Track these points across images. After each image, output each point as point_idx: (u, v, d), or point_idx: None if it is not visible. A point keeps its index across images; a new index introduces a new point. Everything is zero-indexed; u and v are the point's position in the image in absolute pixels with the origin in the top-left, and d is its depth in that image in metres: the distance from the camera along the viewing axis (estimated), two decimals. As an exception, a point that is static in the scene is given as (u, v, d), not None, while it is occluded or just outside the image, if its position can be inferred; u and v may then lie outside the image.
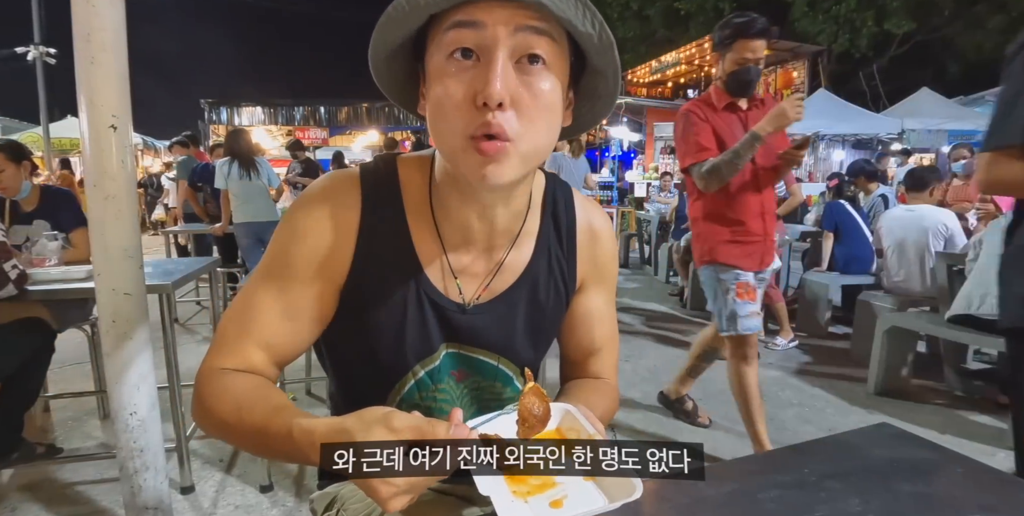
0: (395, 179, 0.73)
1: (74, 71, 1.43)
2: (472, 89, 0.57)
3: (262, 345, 0.69)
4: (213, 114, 18.32)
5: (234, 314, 0.71)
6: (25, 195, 2.41)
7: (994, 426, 2.67)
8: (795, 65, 14.84)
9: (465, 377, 0.80)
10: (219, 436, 0.66)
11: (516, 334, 0.78)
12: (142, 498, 1.64)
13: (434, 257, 0.72)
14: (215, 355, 0.69)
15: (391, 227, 0.71)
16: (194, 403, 0.67)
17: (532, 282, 0.77)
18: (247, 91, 50.06)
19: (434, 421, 0.52)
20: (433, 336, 0.74)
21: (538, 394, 0.62)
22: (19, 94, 16.18)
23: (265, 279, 0.71)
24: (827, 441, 0.86)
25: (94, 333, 2.56)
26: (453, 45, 0.58)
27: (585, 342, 0.85)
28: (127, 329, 1.55)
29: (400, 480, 0.49)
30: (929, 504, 0.67)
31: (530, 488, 0.58)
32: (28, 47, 12.69)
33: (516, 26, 0.57)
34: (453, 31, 0.58)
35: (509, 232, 0.74)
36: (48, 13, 12.66)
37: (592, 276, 0.83)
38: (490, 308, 0.76)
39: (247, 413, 0.61)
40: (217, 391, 0.65)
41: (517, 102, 0.58)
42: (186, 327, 4.45)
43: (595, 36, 0.60)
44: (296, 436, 0.54)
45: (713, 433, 2.62)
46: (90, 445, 2.45)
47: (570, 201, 0.81)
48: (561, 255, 0.79)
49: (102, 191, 1.47)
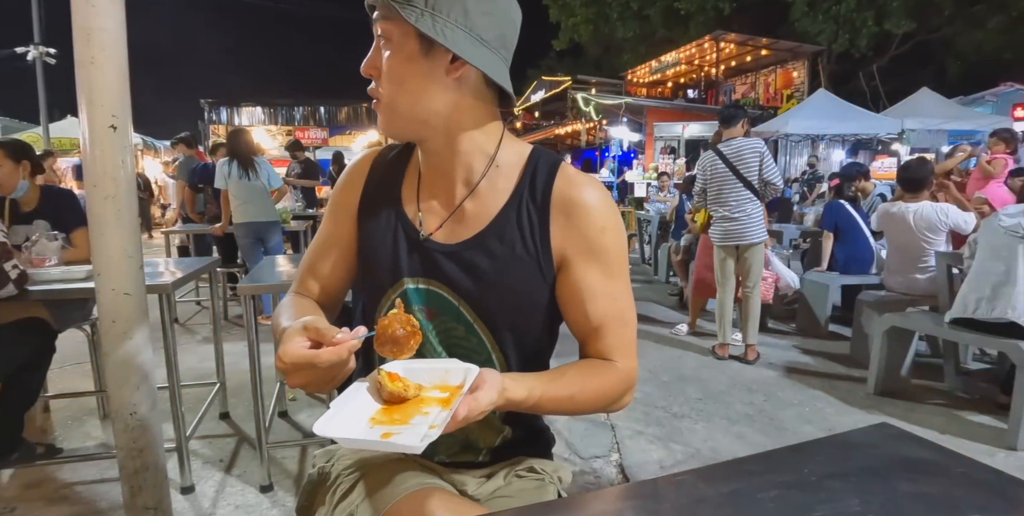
0: (412, 146, 0.93)
1: (74, 71, 1.43)
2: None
3: (313, 274, 0.94)
4: (213, 114, 18.31)
5: (307, 252, 0.96)
6: (22, 194, 2.40)
7: (994, 426, 2.67)
8: (795, 65, 14.85)
9: (434, 316, 0.87)
10: None
11: (475, 280, 0.84)
12: (142, 498, 1.64)
13: (411, 196, 0.90)
14: (294, 283, 0.96)
15: (390, 173, 0.92)
16: None
17: (497, 234, 0.84)
18: (247, 91, 50.04)
19: (334, 328, 0.68)
20: (402, 264, 0.87)
21: (400, 320, 0.72)
22: (19, 94, 16.20)
23: (323, 222, 0.95)
24: (827, 441, 0.86)
25: (94, 333, 2.56)
26: None
27: (581, 319, 0.85)
28: (127, 329, 1.55)
29: (287, 358, 0.65)
30: (929, 504, 0.67)
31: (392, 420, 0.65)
32: (28, 47, 12.70)
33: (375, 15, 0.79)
34: None
35: (467, 183, 0.86)
36: (48, 13, 12.67)
37: (577, 248, 0.83)
38: (452, 250, 0.85)
39: (278, 317, 0.85)
40: (280, 305, 0.90)
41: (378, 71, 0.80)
42: (186, 327, 4.46)
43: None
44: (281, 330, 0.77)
45: (712, 433, 2.62)
46: (90, 445, 2.45)
47: (554, 170, 0.86)
48: (535, 214, 0.84)
49: (102, 191, 1.47)
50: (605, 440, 2.53)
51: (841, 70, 15.43)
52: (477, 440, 0.91)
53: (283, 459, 2.33)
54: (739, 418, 2.78)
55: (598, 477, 2.24)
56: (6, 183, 2.36)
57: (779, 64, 15.22)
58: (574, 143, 16.42)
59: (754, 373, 3.41)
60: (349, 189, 0.92)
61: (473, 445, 0.91)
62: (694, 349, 3.88)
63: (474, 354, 0.86)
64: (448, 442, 0.90)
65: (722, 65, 16.11)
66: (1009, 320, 2.47)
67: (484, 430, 0.90)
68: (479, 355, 0.86)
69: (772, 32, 14.95)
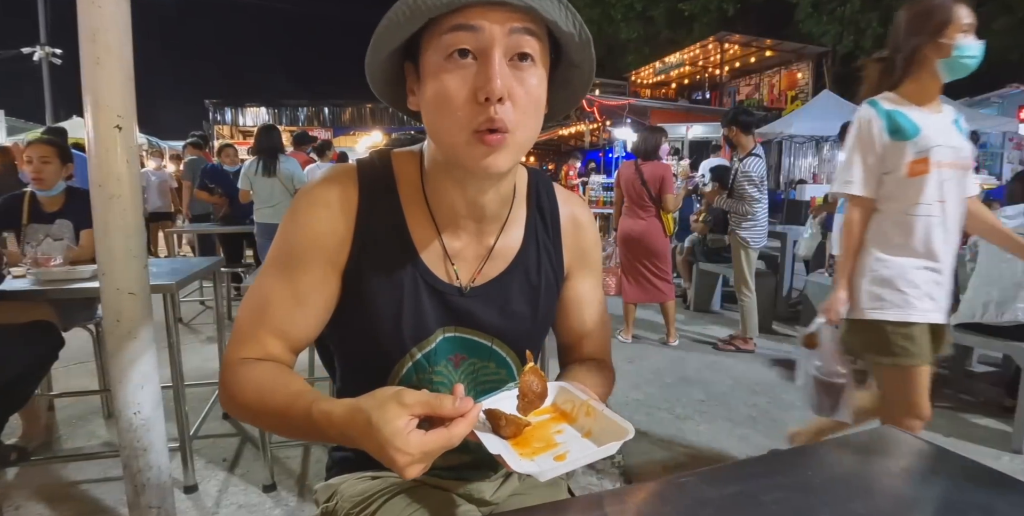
0: (390, 170, 0.78)
1: (79, 71, 1.43)
2: (472, 86, 0.63)
3: (276, 333, 0.74)
4: (217, 114, 18.39)
5: (248, 306, 0.75)
6: (54, 194, 2.45)
7: (998, 429, 2.66)
8: (799, 66, 14.81)
9: (462, 361, 0.83)
10: (246, 420, 0.76)
11: (510, 317, 0.82)
12: (145, 497, 1.65)
13: (429, 242, 0.77)
14: (235, 346, 0.74)
15: (387, 213, 0.76)
16: (220, 392, 0.73)
17: (524, 267, 0.82)
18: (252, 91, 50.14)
19: (441, 395, 0.57)
20: (429, 319, 0.78)
21: (536, 373, 0.69)
22: (25, 94, 16.30)
23: (274, 269, 0.75)
24: (831, 443, 0.86)
25: (99, 332, 2.57)
26: (452, 46, 0.63)
27: (576, 325, 0.90)
28: (131, 328, 1.55)
29: (414, 448, 0.53)
30: (933, 507, 0.67)
31: (534, 450, 0.65)
32: (34, 47, 12.77)
33: (510, 28, 0.63)
34: (451, 34, 0.63)
35: (498, 218, 0.80)
36: (53, 14, 12.74)
37: (578, 263, 0.89)
38: (484, 291, 0.80)
39: (269, 399, 0.66)
40: (239, 380, 0.69)
41: (512, 96, 0.64)
42: (190, 327, 4.47)
43: (576, 35, 0.66)
44: (316, 418, 0.60)
45: (716, 434, 2.61)
46: (94, 444, 2.46)
47: (551, 192, 0.87)
48: (548, 242, 0.85)
49: (107, 191, 1.48)
50: (608, 441, 2.53)
51: (846, 71, 15.38)
52: None
53: (286, 459, 2.33)
54: (742, 420, 2.77)
55: (601, 479, 2.23)
56: (49, 179, 2.42)
57: (783, 65, 15.19)
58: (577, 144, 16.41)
59: (757, 375, 3.40)
60: (330, 233, 0.74)
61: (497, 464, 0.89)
62: (697, 350, 3.88)
63: (501, 383, 0.85)
64: (469, 462, 0.88)
65: (726, 66, 16.08)
66: (1021, 323, 2.46)
67: None
68: (506, 382, 0.85)
69: (776, 33, 14.93)
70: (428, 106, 0.67)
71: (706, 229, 4.62)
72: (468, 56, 0.63)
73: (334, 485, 0.88)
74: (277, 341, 0.74)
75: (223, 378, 0.72)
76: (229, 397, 0.71)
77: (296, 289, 0.73)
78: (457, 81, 0.63)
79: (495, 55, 0.62)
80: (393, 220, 0.76)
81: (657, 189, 3.75)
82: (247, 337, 0.74)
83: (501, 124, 0.63)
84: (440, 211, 0.77)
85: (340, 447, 0.92)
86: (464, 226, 0.78)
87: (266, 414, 0.67)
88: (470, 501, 0.86)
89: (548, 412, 0.73)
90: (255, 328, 0.74)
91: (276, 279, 0.74)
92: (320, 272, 0.74)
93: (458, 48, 0.63)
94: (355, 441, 0.57)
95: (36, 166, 2.39)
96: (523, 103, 0.65)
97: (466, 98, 0.63)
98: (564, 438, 0.68)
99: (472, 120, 0.63)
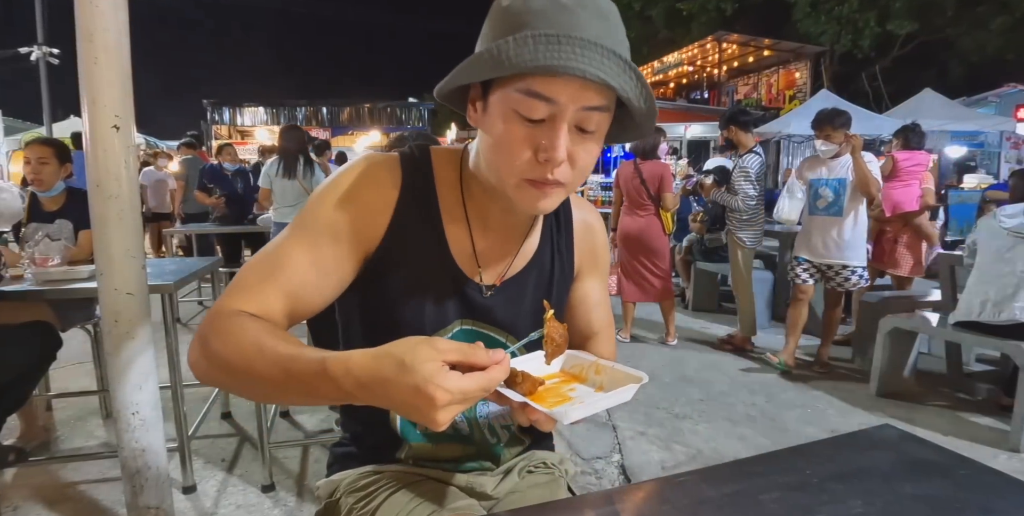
0: (430, 167, 0.79)
1: (77, 71, 1.43)
2: (535, 143, 0.66)
3: (286, 292, 0.69)
4: (215, 114, 18.32)
5: (259, 261, 0.72)
6: (54, 194, 2.45)
7: (997, 428, 2.66)
8: (797, 66, 14.85)
9: None
10: (223, 378, 0.63)
11: (524, 315, 0.85)
12: (144, 497, 1.65)
13: (460, 241, 0.80)
14: (233, 297, 0.68)
15: (424, 208, 0.78)
16: (200, 342, 0.64)
17: (539, 268, 0.86)
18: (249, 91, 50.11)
19: (475, 346, 0.55)
20: (449, 311, 0.80)
21: (555, 320, 0.70)
22: (22, 94, 16.26)
23: (299, 233, 0.73)
24: (829, 442, 0.86)
25: (97, 332, 2.57)
26: (524, 109, 0.65)
27: (583, 326, 0.92)
28: (129, 329, 1.55)
29: (454, 386, 0.51)
30: (931, 506, 0.67)
31: (550, 405, 0.65)
32: (31, 47, 12.73)
33: (583, 106, 0.64)
34: (526, 98, 0.64)
35: (525, 225, 0.84)
36: (51, 13, 12.70)
37: (588, 265, 0.92)
38: (503, 290, 0.83)
39: (270, 347, 0.59)
40: (234, 328, 0.63)
41: (572, 158, 0.67)
42: (188, 327, 4.46)
43: (644, 109, 0.68)
44: (329, 367, 0.55)
45: (714, 434, 2.62)
46: (92, 444, 2.45)
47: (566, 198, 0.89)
48: (562, 244, 0.88)
49: (105, 191, 1.48)
50: (607, 441, 2.53)
51: (844, 71, 15.41)
52: (503, 453, 0.91)
53: (285, 459, 2.33)
54: (741, 419, 2.78)
55: (600, 478, 2.24)
56: (48, 180, 2.41)
57: (782, 65, 15.22)
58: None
59: (756, 374, 3.41)
60: (367, 215, 0.75)
61: (498, 457, 0.91)
62: (695, 350, 3.88)
63: None
64: (472, 454, 0.89)
65: (724, 66, 16.11)
66: (1018, 322, 2.46)
67: (510, 445, 0.92)
68: None
69: (775, 33, 14.96)
70: (487, 141, 0.70)
71: (704, 229, 4.63)
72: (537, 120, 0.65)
73: (336, 481, 0.89)
74: (282, 301, 0.69)
75: (210, 325, 0.64)
76: (215, 346, 0.62)
77: (319, 256, 0.72)
78: (522, 135, 0.66)
79: (563, 127, 0.65)
80: (429, 216, 0.78)
81: (656, 188, 3.75)
82: (251, 290, 0.69)
83: (555, 182, 0.67)
84: (473, 214, 0.80)
85: (342, 443, 0.93)
86: (494, 228, 0.81)
87: (262, 364, 0.59)
88: (471, 495, 0.87)
89: (558, 376, 0.74)
90: (263, 282, 0.69)
91: (300, 242, 0.72)
92: (345, 249, 0.74)
93: (529, 116, 0.65)
94: (374, 391, 0.53)
95: (34, 167, 2.39)
96: (581, 164, 0.68)
97: (528, 153, 0.66)
98: (578, 394, 0.69)
99: (529, 172, 0.67)
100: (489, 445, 0.90)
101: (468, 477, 0.88)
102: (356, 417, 0.91)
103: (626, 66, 0.62)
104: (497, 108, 0.67)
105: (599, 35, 0.62)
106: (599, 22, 0.63)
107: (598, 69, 0.60)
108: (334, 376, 0.54)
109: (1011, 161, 10.31)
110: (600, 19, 0.64)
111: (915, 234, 3.89)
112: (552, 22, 0.62)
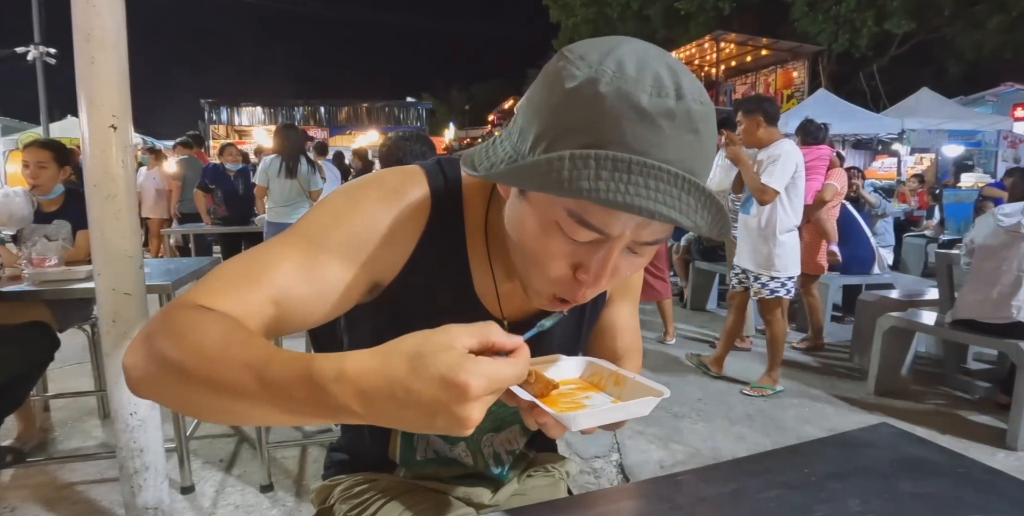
0: (459, 199, 0.71)
1: (74, 71, 1.43)
2: (576, 260, 0.57)
3: (271, 299, 0.56)
4: (213, 114, 18.31)
5: (243, 261, 0.59)
6: (53, 197, 2.46)
7: (994, 426, 2.67)
8: (795, 65, 14.84)
9: None
10: (171, 387, 0.48)
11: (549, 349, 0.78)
12: (142, 498, 1.64)
13: (484, 284, 0.73)
14: (201, 293, 0.54)
15: (451, 244, 0.70)
16: (144, 340, 0.50)
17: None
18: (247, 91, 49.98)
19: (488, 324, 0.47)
20: None
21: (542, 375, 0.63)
22: (19, 94, 16.19)
23: (300, 242, 0.61)
24: (827, 441, 0.86)
25: (94, 333, 2.56)
26: (570, 230, 0.55)
27: (608, 351, 0.87)
28: (127, 329, 1.55)
29: (487, 371, 0.41)
30: (929, 504, 0.67)
31: (561, 409, 0.60)
32: (28, 47, 12.68)
33: (636, 240, 0.56)
34: (581, 227, 0.54)
35: None
36: (48, 13, 12.66)
37: (619, 290, 0.88)
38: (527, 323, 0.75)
39: (239, 348, 0.46)
40: (196, 323, 0.49)
41: (615, 271, 0.59)
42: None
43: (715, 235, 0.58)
44: (318, 368, 0.43)
45: (713, 433, 2.62)
46: (90, 445, 2.45)
47: None
48: None
49: (102, 191, 1.47)
50: (605, 440, 2.53)
51: (841, 70, 15.43)
52: (504, 462, 0.90)
53: (283, 459, 2.33)
54: (739, 418, 2.78)
55: (598, 477, 2.24)
56: (46, 185, 2.41)
57: (779, 64, 15.22)
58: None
59: (754, 373, 3.40)
60: (385, 247, 0.65)
61: (501, 465, 0.90)
62: (694, 349, 3.88)
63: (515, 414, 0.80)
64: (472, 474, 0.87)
65: (722, 65, 16.11)
66: (1015, 321, 2.47)
67: (515, 467, 0.91)
68: None
69: (772, 32, 14.96)
70: (518, 237, 0.60)
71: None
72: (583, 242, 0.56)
73: (331, 486, 0.87)
74: (264, 308, 0.56)
75: (163, 319, 0.51)
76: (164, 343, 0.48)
77: (317, 273, 0.60)
78: (562, 252, 0.57)
79: (613, 255, 0.56)
80: (455, 250, 0.70)
81: None
82: (227, 287, 0.55)
83: (583, 299, 0.60)
84: (497, 259, 0.72)
85: (339, 447, 0.92)
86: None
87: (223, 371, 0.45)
88: (468, 504, 0.86)
89: (575, 382, 0.69)
90: (240, 280, 0.56)
91: (296, 251, 0.60)
92: (352, 272, 0.62)
93: (574, 237, 0.55)
94: (376, 401, 0.41)
95: (33, 171, 2.37)
96: (622, 274, 0.60)
97: (565, 270, 0.58)
98: (593, 402, 0.64)
99: (562, 290, 0.60)
100: (493, 473, 0.88)
101: (466, 489, 0.86)
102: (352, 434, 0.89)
103: (705, 200, 0.51)
104: (537, 210, 0.56)
105: (684, 157, 0.50)
106: (688, 137, 0.51)
107: (671, 208, 0.49)
108: (321, 382, 0.42)
109: (1008, 160, 10.33)
110: (690, 132, 0.51)
111: (815, 231, 3.81)
112: (626, 136, 0.49)
